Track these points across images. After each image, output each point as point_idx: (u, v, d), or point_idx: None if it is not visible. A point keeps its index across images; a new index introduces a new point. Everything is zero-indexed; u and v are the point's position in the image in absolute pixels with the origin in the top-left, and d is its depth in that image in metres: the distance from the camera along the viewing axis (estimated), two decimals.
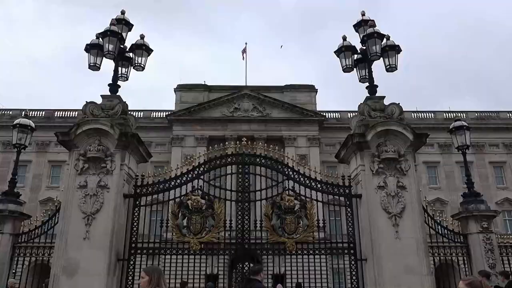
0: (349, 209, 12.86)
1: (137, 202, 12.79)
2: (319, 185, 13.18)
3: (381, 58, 13.22)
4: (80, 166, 12.04)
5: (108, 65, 13.32)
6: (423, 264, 11.54)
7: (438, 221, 13.27)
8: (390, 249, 11.59)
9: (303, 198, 13.04)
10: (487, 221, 13.10)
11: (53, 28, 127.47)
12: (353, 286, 12.15)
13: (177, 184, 13.09)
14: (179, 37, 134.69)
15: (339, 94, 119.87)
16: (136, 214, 12.66)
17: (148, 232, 13.26)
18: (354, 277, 12.19)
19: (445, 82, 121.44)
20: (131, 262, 12.22)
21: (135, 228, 12.59)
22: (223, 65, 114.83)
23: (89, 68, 13.22)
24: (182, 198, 12.92)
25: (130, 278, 12.04)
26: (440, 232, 13.20)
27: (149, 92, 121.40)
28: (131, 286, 11.96)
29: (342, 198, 13.24)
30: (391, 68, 13.30)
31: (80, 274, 11.07)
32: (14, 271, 12.86)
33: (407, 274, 11.36)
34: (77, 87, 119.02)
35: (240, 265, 13.10)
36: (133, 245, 12.43)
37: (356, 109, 13.73)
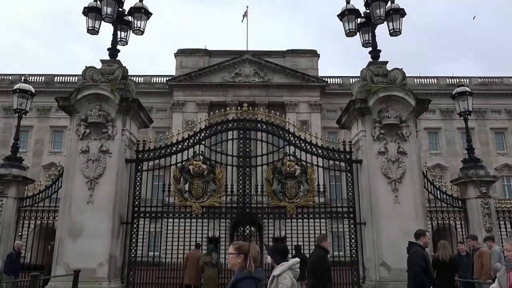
0: (349, 175, 12.98)
1: (139, 167, 12.91)
2: (320, 151, 13.24)
3: (385, 22, 12.97)
4: (82, 131, 12.08)
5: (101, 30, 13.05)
6: (421, 228, 11.73)
7: (437, 187, 13.41)
8: (389, 213, 11.77)
9: (304, 163, 13.13)
10: (485, 186, 13.24)
11: None
12: (352, 249, 12.43)
13: (178, 149, 13.16)
14: (178, 0, 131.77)
15: (342, 59, 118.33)
16: (138, 179, 12.80)
17: (150, 197, 13.44)
18: (353, 241, 12.45)
19: (448, 47, 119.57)
20: (135, 225, 12.48)
21: (137, 193, 12.76)
22: (224, 30, 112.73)
23: (87, 32, 13.00)
24: (183, 163, 13.02)
25: (133, 240, 12.33)
26: (439, 197, 13.36)
27: (149, 58, 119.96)
28: (134, 248, 12.26)
29: (342, 164, 13.34)
30: (395, 32, 13.06)
31: (84, 236, 11.33)
32: (20, 233, 13.14)
33: (406, 237, 11.53)
34: (61, 50, 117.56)
35: (241, 229, 13.35)
36: (136, 209, 12.64)
37: (359, 75, 13.61)
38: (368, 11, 13.10)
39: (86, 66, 12.73)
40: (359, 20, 13.39)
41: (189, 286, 11.85)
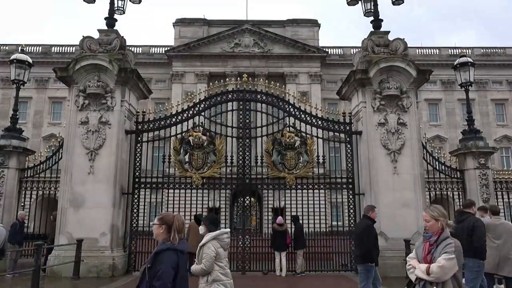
0: (349, 146, 13.02)
1: (139, 138, 12.93)
2: (319, 122, 13.23)
3: None
4: (81, 102, 12.03)
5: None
6: (419, 198, 11.90)
7: (436, 158, 13.47)
8: (388, 184, 11.88)
9: (303, 134, 13.15)
10: (484, 157, 13.29)
11: None
12: (350, 219, 12.60)
13: (178, 120, 13.15)
14: None
15: (344, 30, 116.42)
16: (138, 150, 12.85)
17: (151, 168, 13.52)
18: (351, 211, 12.62)
19: (452, 16, 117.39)
20: (135, 196, 12.62)
21: (138, 164, 12.84)
22: None
23: (84, 0, 12.76)
24: (183, 134, 13.04)
25: (135, 210, 12.49)
26: (438, 168, 13.44)
27: (147, 28, 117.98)
28: (136, 217, 12.43)
29: (342, 135, 13.36)
30: (397, 2, 12.82)
31: (86, 206, 11.47)
32: (22, 204, 13.29)
33: (403, 208, 11.74)
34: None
35: (241, 199, 13.51)
36: (137, 179, 12.75)
37: (360, 45, 13.44)
38: None
39: (83, 36, 12.56)
40: None
41: (191, 254, 12.06)
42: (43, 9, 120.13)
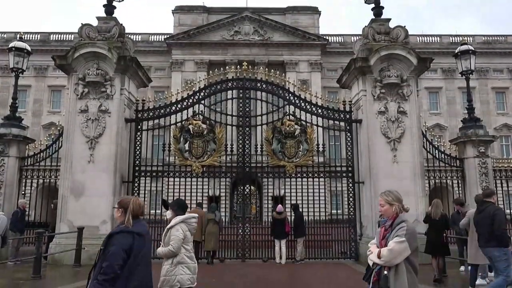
0: (349, 134, 13.02)
1: (139, 127, 12.92)
2: (319, 110, 13.21)
3: None
4: (80, 90, 11.99)
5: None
6: (418, 186, 11.93)
7: (436, 146, 13.47)
8: (388, 172, 11.90)
9: (303, 123, 13.14)
10: (484, 146, 13.28)
11: None
12: (350, 207, 12.66)
13: (178, 108, 13.13)
14: None
15: (344, 18, 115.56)
16: (138, 138, 12.85)
17: (151, 156, 13.52)
18: (351, 199, 12.66)
19: (452, 2, 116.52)
20: (136, 184, 12.65)
21: (138, 152, 12.85)
22: None
23: None
24: (183, 122, 13.02)
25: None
26: (437, 157, 13.45)
27: (146, 16, 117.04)
28: None
29: (342, 123, 13.35)
30: None
31: (87, 195, 11.51)
32: (23, 192, 13.32)
33: (403, 196, 11.71)
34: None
35: (241, 188, 13.55)
36: (137, 168, 12.77)
37: (360, 33, 13.35)
38: None
39: (82, 23, 12.47)
40: None
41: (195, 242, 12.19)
42: (42, 9, 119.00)
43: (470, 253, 8.05)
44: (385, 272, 3.64)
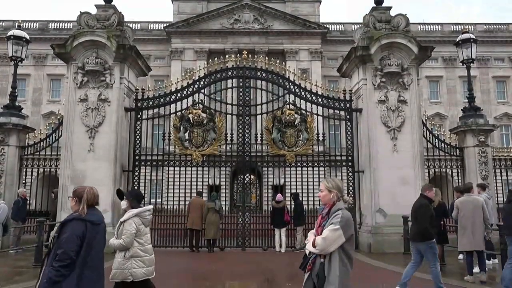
0: (349, 123, 13.00)
1: (139, 116, 12.90)
2: (320, 99, 13.18)
3: None
4: (79, 79, 11.96)
5: None
6: (418, 176, 11.96)
7: (436, 135, 13.47)
8: (387, 161, 11.93)
9: (303, 112, 13.12)
10: (484, 135, 13.27)
11: None
12: (349, 196, 12.68)
13: (177, 98, 13.09)
14: None
15: (345, 6, 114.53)
16: (138, 127, 12.84)
17: (151, 145, 13.53)
18: (351, 188, 12.70)
19: None
20: (136, 173, 12.68)
21: (138, 141, 12.85)
22: None
23: None
24: (183, 111, 13.00)
25: (135, 188, 12.56)
26: (437, 146, 13.46)
27: (145, 3, 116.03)
28: None
29: (342, 112, 13.33)
30: None
31: (87, 184, 11.44)
32: (23, 181, 13.35)
33: (402, 185, 11.82)
34: None
35: (241, 177, 13.58)
36: (137, 157, 12.78)
37: (361, 22, 13.26)
38: None
39: (80, 12, 12.39)
40: None
41: (192, 230, 12.24)
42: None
43: (462, 241, 8.13)
44: (322, 260, 3.60)
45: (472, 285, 7.80)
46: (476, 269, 8.28)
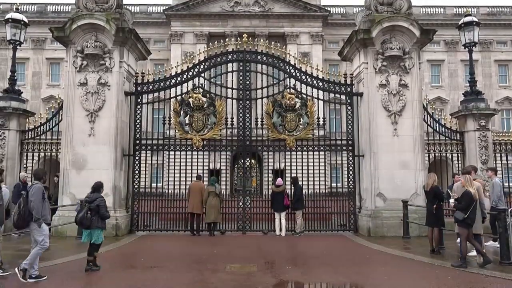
0: (349, 107, 12.97)
1: (139, 100, 12.86)
2: (320, 83, 13.11)
3: None
4: (79, 63, 11.88)
5: None
6: (418, 160, 11.98)
7: (437, 119, 13.43)
8: (388, 145, 11.93)
9: (304, 96, 13.07)
10: (485, 119, 13.23)
11: None
12: (349, 180, 12.74)
13: (178, 81, 13.03)
14: None
15: None
16: (138, 112, 12.81)
17: (151, 129, 13.52)
18: (351, 172, 12.73)
19: None
20: (136, 158, 12.70)
21: (138, 126, 12.84)
22: None
23: None
24: (183, 96, 12.95)
25: (136, 172, 12.62)
26: (438, 130, 13.44)
27: None
28: (137, 179, 12.57)
29: (343, 97, 13.27)
30: None
31: (88, 168, 11.57)
32: (24, 166, 13.38)
33: (402, 169, 11.85)
34: None
35: (242, 161, 13.60)
36: (137, 141, 12.79)
37: (363, 4, 13.11)
38: None
39: None
40: None
41: (192, 214, 12.32)
42: None
43: None
44: None
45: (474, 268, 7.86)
46: (473, 253, 8.36)
